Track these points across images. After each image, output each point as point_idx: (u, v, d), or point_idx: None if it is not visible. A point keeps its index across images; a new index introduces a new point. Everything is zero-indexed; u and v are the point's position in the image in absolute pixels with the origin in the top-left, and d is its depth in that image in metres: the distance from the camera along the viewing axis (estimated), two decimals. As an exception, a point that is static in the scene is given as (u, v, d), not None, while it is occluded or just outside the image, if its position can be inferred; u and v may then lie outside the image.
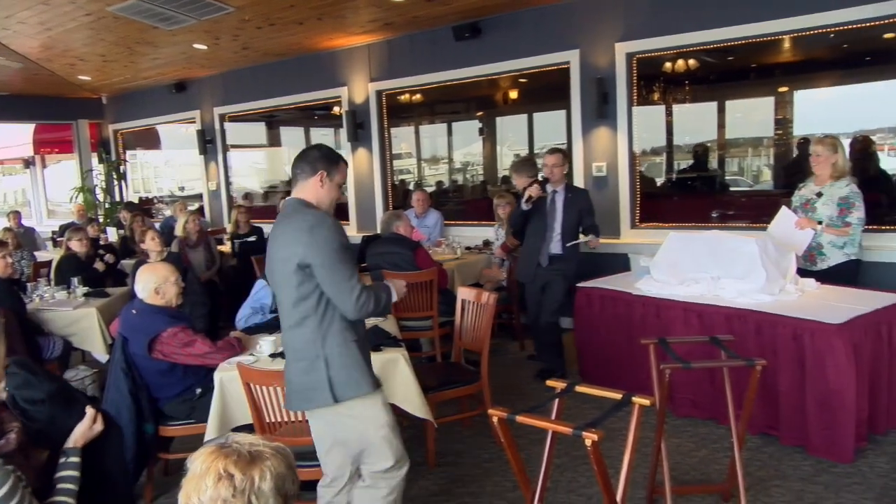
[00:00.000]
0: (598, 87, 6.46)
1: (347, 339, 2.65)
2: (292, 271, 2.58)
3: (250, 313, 4.29)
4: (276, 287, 2.73)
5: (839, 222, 4.56)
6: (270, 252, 2.73)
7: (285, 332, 2.74)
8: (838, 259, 4.61)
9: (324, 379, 2.62)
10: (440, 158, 9.02)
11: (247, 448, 1.50)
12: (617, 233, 6.59)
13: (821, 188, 4.68)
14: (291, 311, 2.64)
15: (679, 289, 4.56)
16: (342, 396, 2.63)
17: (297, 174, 2.72)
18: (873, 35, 5.36)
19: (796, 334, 3.87)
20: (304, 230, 2.56)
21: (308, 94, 8.94)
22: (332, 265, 2.55)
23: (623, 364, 4.79)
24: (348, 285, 2.56)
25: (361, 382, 2.65)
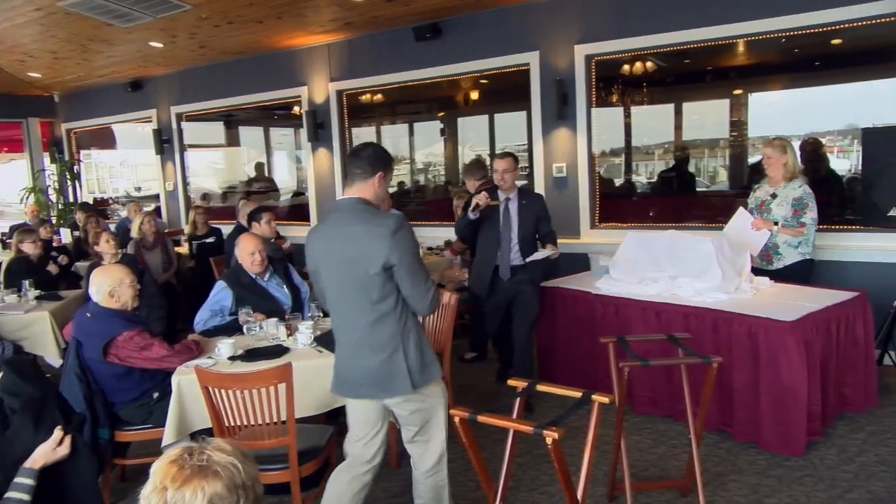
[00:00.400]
0: (558, 88, 6.53)
1: (420, 332, 2.87)
2: (375, 272, 2.70)
3: (209, 316, 4.22)
4: (342, 284, 2.81)
5: (794, 223, 4.67)
6: (329, 250, 2.81)
7: (355, 326, 2.83)
8: (794, 258, 4.73)
9: (403, 369, 2.79)
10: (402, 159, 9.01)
11: (199, 460, 1.43)
12: (577, 233, 6.66)
13: (775, 189, 4.79)
14: (370, 308, 2.76)
15: (637, 288, 4.63)
16: (419, 383, 2.83)
17: (356, 173, 2.83)
18: (821, 41, 5.53)
19: (751, 332, 3.96)
20: (386, 235, 2.67)
21: (267, 93, 8.84)
22: (414, 267, 2.73)
23: (584, 363, 4.84)
24: (425, 286, 2.77)
25: (433, 370, 2.88)
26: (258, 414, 3.06)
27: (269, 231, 5.65)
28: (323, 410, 3.67)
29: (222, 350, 3.65)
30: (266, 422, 3.07)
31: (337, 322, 2.94)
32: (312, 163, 8.61)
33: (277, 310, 4.25)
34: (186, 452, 1.45)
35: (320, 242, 2.87)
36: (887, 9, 5.12)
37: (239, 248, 4.38)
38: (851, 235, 5.47)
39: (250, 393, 3.03)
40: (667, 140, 6.78)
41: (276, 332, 3.89)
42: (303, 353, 3.68)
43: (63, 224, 10.38)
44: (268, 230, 5.61)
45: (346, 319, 2.87)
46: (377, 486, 3.77)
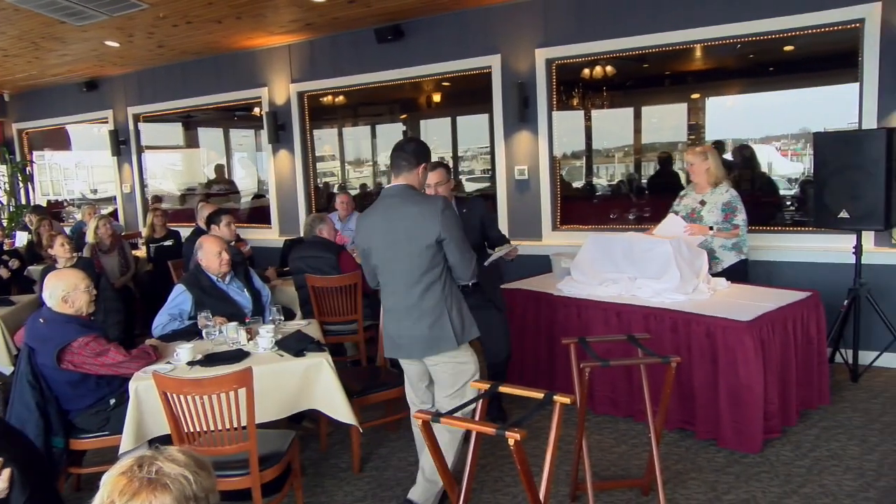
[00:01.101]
0: (520, 91, 6.57)
1: (461, 298, 3.32)
2: (427, 245, 3.16)
3: (167, 320, 4.15)
4: (397, 259, 3.23)
5: (728, 226, 4.80)
6: (388, 229, 3.23)
7: (405, 295, 3.25)
8: (731, 260, 4.85)
9: (449, 329, 3.22)
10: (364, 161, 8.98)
11: (148, 472, 1.39)
12: (538, 235, 6.71)
13: (703, 196, 4.92)
14: (420, 277, 3.20)
15: (598, 289, 4.68)
16: (462, 340, 3.27)
17: (402, 164, 3.27)
18: (775, 47, 5.67)
19: (709, 331, 4.03)
20: (436, 213, 3.14)
21: (227, 94, 8.72)
22: (461, 240, 3.21)
23: (546, 364, 4.88)
24: (469, 255, 3.25)
25: (473, 330, 3.33)
26: (218, 420, 3.02)
27: (229, 234, 5.59)
28: (284, 415, 3.65)
29: (181, 355, 3.59)
30: (226, 427, 3.03)
31: (389, 292, 3.35)
32: (273, 165, 8.53)
33: (238, 313, 4.20)
34: (137, 464, 1.41)
35: (378, 223, 3.28)
36: (837, 17, 5.28)
37: (203, 249, 4.33)
38: (803, 237, 5.61)
39: (210, 398, 2.99)
40: (627, 143, 6.88)
41: (237, 337, 3.85)
42: (264, 357, 3.64)
43: (14, 227, 10.10)
44: (227, 233, 5.54)
45: (399, 289, 3.27)
46: (339, 491, 3.77)
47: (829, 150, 4.88)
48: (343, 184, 8.82)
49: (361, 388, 4.01)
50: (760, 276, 5.45)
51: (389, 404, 4.40)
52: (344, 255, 5.24)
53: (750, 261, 5.01)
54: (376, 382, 4.17)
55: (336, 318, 5.08)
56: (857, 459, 3.84)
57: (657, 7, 5.92)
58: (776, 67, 5.91)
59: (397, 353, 3.41)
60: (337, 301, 5.04)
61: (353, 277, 5.03)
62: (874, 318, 5.02)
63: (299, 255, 5.30)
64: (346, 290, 5.02)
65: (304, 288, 5.14)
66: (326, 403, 3.58)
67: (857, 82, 5.31)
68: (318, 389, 3.57)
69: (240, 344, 3.81)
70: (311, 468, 4.09)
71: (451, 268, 3.26)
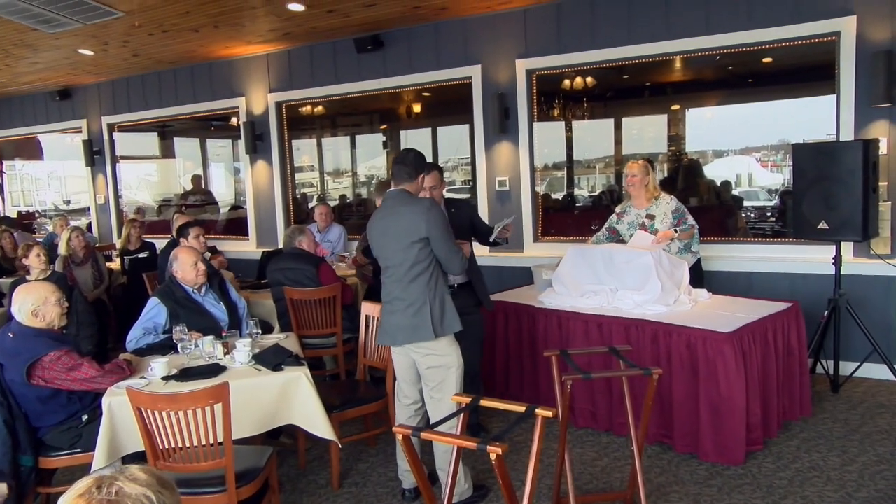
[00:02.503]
0: (500, 102, 6.61)
1: (445, 292, 3.57)
2: (413, 242, 3.46)
3: (142, 334, 4.11)
4: (390, 254, 3.56)
5: (686, 226, 4.95)
6: (384, 227, 3.58)
7: (396, 286, 3.56)
8: (690, 261, 4.96)
9: (427, 318, 3.48)
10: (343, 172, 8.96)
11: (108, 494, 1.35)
12: (520, 246, 6.74)
13: (646, 210, 5.02)
14: (408, 270, 3.50)
15: (579, 301, 4.70)
16: (440, 332, 3.49)
17: (404, 175, 3.62)
18: (753, 59, 5.76)
19: (689, 343, 4.06)
20: (423, 213, 3.46)
21: (204, 103, 8.68)
22: (446, 237, 3.51)
23: (527, 377, 4.88)
24: (455, 250, 3.57)
25: (452, 324, 3.53)
26: (194, 436, 2.98)
27: (199, 246, 5.51)
28: (262, 431, 3.61)
29: (155, 369, 3.55)
30: (202, 443, 3.00)
31: (385, 285, 3.65)
32: (251, 175, 8.49)
33: (214, 327, 4.17)
34: (95, 485, 1.37)
35: (377, 223, 3.65)
36: (814, 30, 5.39)
37: (179, 260, 4.29)
38: (782, 248, 5.69)
39: (185, 414, 2.95)
40: (607, 154, 6.94)
41: (213, 351, 3.81)
42: (240, 371, 3.62)
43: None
44: (196, 245, 5.47)
45: (392, 281, 3.58)
46: (318, 507, 3.73)
47: (808, 162, 4.95)
48: (322, 195, 8.80)
49: (340, 403, 3.99)
50: (740, 287, 5.52)
51: (369, 419, 4.38)
52: (323, 268, 5.22)
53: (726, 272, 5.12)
54: (355, 397, 4.15)
55: (314, 331, 5.06)
56: (837, 471, 3.88)
57: (636, 19, 5.99)
58: (755, 79, 6.00)
59: (384, 338, 3.70)
60: (315, 314, 5.02)
61: (331, 290, 5.01)
62: (854, 328, 5.09)
63: (278, 266, 5.27)
64: (325, 302, 5.00)
65: (282, 300, 5.11)
66: (305, 418, 3.56)
67: (834, 94, 5.40)
68: (296, 404, 3.55)
69: (216, 358, 3.78)
70: (288, 485, 4.06)
71: (441, 262, 3.54)
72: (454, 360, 3.58)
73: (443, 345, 3.53)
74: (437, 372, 3.56)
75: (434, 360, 3.55)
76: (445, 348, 3.55)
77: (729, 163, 6.35)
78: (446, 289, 3.61)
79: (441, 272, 3.58)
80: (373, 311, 4.32)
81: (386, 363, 4.12)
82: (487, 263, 6.52)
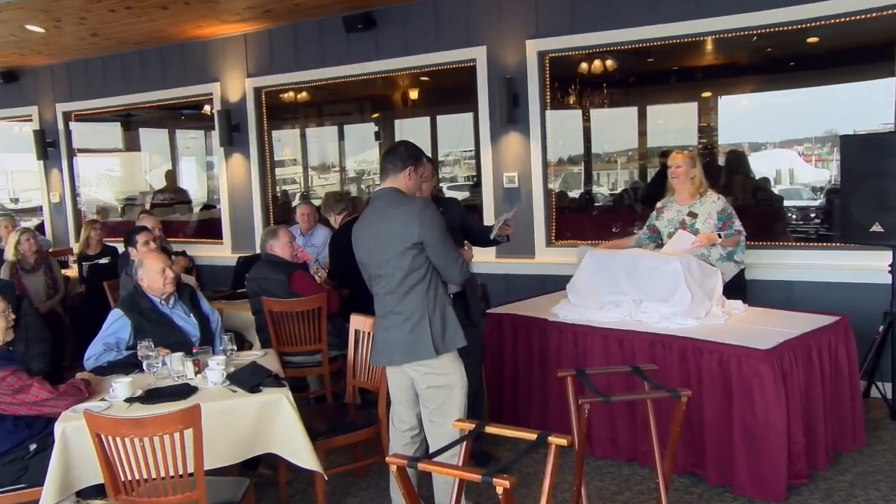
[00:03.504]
0: (508, 88, 6.62)
1: (446, 303, 3.58)
2: (406, 248, 3.45)
3: (102, 350, 4.11)
4: (382, 262, 3.55)
5: (732, 231, 4.89)
6: (373, 232, 3.58)
7: (390, 299, 3.57)
8: (732, 271, 4.93)
9: (427, 334, 3.48)
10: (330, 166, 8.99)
11: None
12: (530, 251, 6.74)
13: (689, 207, 4.99)
14: (402, 280, 3.50)
15: (598, 313, 4.70)
16: (443, 349, 3.50)
17: (389, 168, 3.62)
18: (796, 39, 5.72)
19: (723, 361, 4.06)
20: (415, 214, 3.45)
21: (173, 90, 8.69)
22: (442, 241, 3.50)
23: (538, 399, 4.88)
24: (454, 256, 3.56)
25: (456, 339, 3.55)
26: (161, 466, 2.99)
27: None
28: (238, 460, 3.62)
29: (118, 390, 3.56)
30: (170, 475, 3.00)
31: (378, 298, 3.66)
32: (226, 171, 8.50)
33: (183, 342, 4.17)
34: None
35: (364, 228, 3.64)
36: (868, 4, 5.30)
37: (145, 267, 4.31)
38: (829, 253, 5.66)
39: (151, 441, 2.96)
40: (630, 147, 6.95)
41: (182, 369, 3.82)
42: (213, 393, 3.62)
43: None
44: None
45: (385, 293, 3.59)
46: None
47: (858, 155, 4.92)
48: (306, 192, 8.81)
49: (326, 429, 3.99)
50: (780, 298, 5.50)
51: (359, 447, 4.38)
52: (297, 276, 5.18)
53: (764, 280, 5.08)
54: (344, 422, 4.15)
55: (297, 347, 5.06)
56: (898, 511, 3.85)
57: (664, -6, 6.00)
58: (798, 62, 5.99)
59: (379, 358, 3.72)
60: (298, 328, 5.02)
61: (315, 301, 5.01)
62: (914, 346, 5.04)
63: (253, 275, 5.28)
64: (309, 315, 5.00)
65: (260, 313, 5.12)
66: (286, 446, 3.56)
67: (892, 77, 5.33)
68: (276, 430, 3.55)
69: (186, 377, 3.79)
70: (267, 522, 4.06)
71: (439, 270, 3.55)
72: (457, 380, 3.59)
73: (444, 363, 3.54)
74: (438, 393, 3.57)
75: (434, 379, 3.56)
76: (447, 366, 3.56)
77: (767, 157, 6.35)
78: (447, 299, 3.62)
79: (441, 280, 3.59)
80: (363, 325, 4.32)
81: (378, 384, 4.12)
82: (492, 271, 6.54)
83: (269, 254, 5.25)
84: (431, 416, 3.62)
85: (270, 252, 5.24)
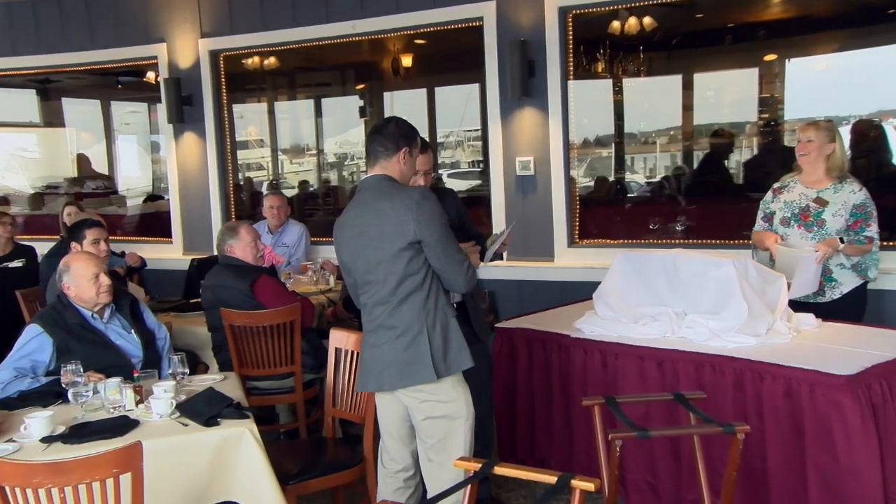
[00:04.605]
0: (522, 53, 6.59)
1: (448, 314, 3.57)
2: (400, 248, 3.45)
3: (12, 377, 4.06)
4: (371, 266, 3.55)
5: (860, 237, 4.76)
6: (360, 230, 3.56)
7: (381, 310, 3.56)
8: (853, 284, 4.83)
9: (426, 352, 3.46)
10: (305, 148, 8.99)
11: None
12: (549, 253, 6.73)
13: (819, 192, 4.90)
14: (395, 288, 3.50)
15: (632, 328, 4.67)
16: (445, 371, 3.49)
17: (379, 151, 3.60)
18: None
19: (791, 390, 4.01)
20: (410, 207, 3.43)
21: (106, 51, 8.61)
22: (444, 240, 3.50)
23: (559, 433, 4.86)
24: (458, 258, 3.56)
25: (460, 359, 3.54)
26: (90, 520, 2.96)
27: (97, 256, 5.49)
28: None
29: (32, 428, 3.51)
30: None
31: (366, 311, 3.66)
32: (175, 153, 8.49)
33: (121, 365, 4.15)
34: None
35: (348, 225, 3.65)
36: None
37: (71, 273, 4.28)
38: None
39: (76, 491, 2.90)
40: (672, 125, 6.94)
41: (120, 398, 3.78)
42: (160, 427, 3.60)
43: None
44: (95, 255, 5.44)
45: (374, 304, 3.59)
46: None
47: None
48: (275, 181, 8.81)
49: (300, 471, 3.98)
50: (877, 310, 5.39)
51: (340, 493, 4.37)
52: (262, 284, 5.15)
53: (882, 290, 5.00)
54: (321, 462, 4.15)
55: (264, 369, 5.06)
56: None
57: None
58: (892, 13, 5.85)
59: (366, 383, 3.69)
60: (265, 346, 5.01)
61: (287, 313, 5.00)
62: None
63: (209, 282, 5.26)
64: (278, 330, 4.99)
65: (220, 329, 5.10)
66: (249, 493, 3.55)
67: None
68: (237, 473, 3.53)
69: (124, 409, 3.75)
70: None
71: (440, 275, 3.56)
72: (461, 410, 3.58)
73: (446, 388, 3.53)
74: (438, 426, 3.55)
75: (434, 408, 3.54)
76: (450, 392, 3.55)
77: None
78: (450, 310, 3.61)
79: (442, 288, 3.58)
80: (346, 342, 4.31)
81: (365, 414, 4.11)
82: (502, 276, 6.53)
83: (229, 256, 5.22)
84: (430, 453, 3.59)
85: (230, 254, 5.22)
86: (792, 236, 4.91)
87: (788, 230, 4.92)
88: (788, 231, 4.93)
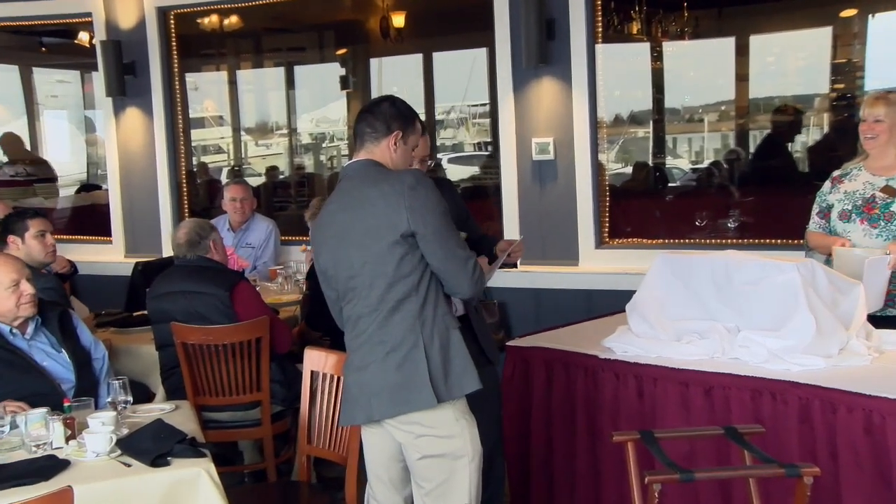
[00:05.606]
0: (540, 11, 6.58)
1: (450, 325, 3.52)
2: (391, 244, 3.42)
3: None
4: (355, 269, 3.51)
5: None
6: (342, 226, 3.56)
7: (368, 322, 3.51)
8: None
9: (424, 371, 3.40)
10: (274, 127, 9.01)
11: None
12: (573, 255, 6.73)
13: (889, 180, 4.87)
14: (385, 293, 3.46)
15: (674, 348, 4.67)
16: (445, 395, 3.43)
17: (367, 133, 3.60)
18: None
19: (871, 424, 4.01)
20: (402, 193, 3.40)
21: (26, 3, 8.60)
22: (444, 232, 3.46)
23: (584, 472, 4.86)
24: (462, 254, 3.51)
25: (465, 380, 3.49)
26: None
27: (42, 252, 5.52)
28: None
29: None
30: None
31: (350, 325, 3.61)
32: (116, 133, 8.49)
33: (48, 392, 4.17)
34: None
35: (328, 221, 3.65)
36: None
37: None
38: None
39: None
40: (723, 99, 6.94)
41: (46, 433, 3.79)
42: (96, 468, 3.60)
43: None
44: (39, 250, 5.47)
45: (356, 314, 3.55)
46: None
47: None
48: (237, 167, 8.83)
49: (266, 522, 4.00)
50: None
51: (315, 550, 4.38)
52: (242, 290, 5.21)
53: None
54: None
55: (225, 399, 5.07)
56: None
57: None
58: None
59: (353, 414, 3.63)
60: (225, 369, 5.02)
61: (254, 328, 5.00)
62: None
63: (166, 289, 5.26)
64: (241, 349, 5.01)
65: (170, 347, 5.11)
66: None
67: None
68: (190, 523, 3.54)
69: (51, 447, 3.76)
70: None
71: (439, 277, 3.51)
72: (466, 446, 3.53)
73: (448, 419, 3.49)
74: (438, 466, 3.51)
75: (433, 445, 3.50)
76: (452, 426, 3.50)
77: None
78: (451, 321, 3.56)
79: (442, 293, 3.55)
80: (325, 364, 4.31)
81: (347, 453, 4.12)
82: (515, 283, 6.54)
83: (204, 257, 5.22)
84: (427, 500, 3.55)
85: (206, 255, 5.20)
86: (853, 233, 4.86)
87: (848, 225, 4.89)
88: (848, 227, 4.89)
